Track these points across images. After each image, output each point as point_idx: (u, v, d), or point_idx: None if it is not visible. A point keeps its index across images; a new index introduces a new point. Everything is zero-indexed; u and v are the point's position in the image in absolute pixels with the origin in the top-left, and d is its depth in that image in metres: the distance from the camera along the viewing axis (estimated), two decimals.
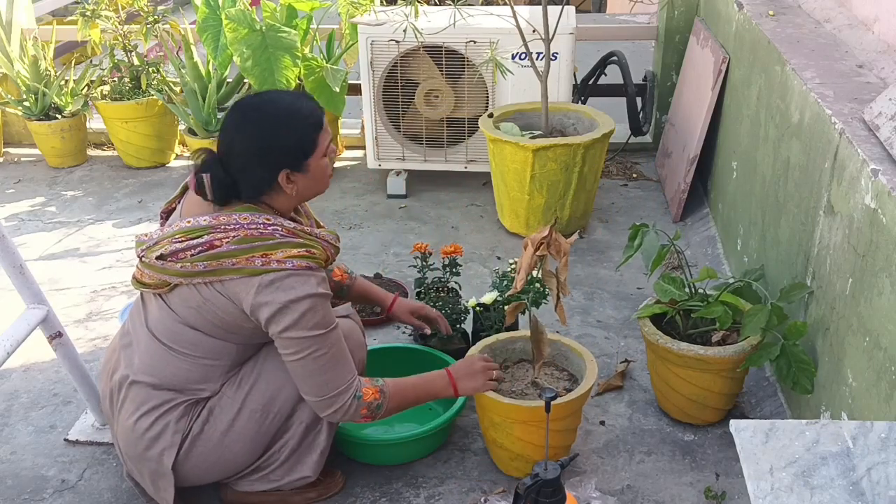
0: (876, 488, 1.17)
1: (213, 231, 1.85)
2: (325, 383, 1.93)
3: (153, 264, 1.89)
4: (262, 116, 1.88)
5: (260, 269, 1.83)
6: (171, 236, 1.88)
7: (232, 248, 1.83)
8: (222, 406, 1.99)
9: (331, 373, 1.93)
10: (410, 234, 3.56)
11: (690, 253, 3.32)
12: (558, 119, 3.56)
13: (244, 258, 1.83)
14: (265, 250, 1.84)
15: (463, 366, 2.17)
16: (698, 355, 2.23)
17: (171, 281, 1.89)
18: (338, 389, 1.93)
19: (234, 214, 1.86)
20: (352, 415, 1.96)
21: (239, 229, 1.85)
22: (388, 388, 2.02)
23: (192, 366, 1.95)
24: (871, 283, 1.81)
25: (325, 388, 1.93)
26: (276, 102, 1.91)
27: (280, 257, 1.84)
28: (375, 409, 1.99)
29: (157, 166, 4.32)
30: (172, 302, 1.94)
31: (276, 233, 1.87)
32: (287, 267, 1.84)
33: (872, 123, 1.95)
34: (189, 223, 1.87)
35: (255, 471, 2.08)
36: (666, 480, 2.22)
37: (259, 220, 1.87)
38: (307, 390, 1.94)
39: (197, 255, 1.84)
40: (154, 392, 1.96)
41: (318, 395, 1.94)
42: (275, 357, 2.00)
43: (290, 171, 1.88)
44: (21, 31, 4.38)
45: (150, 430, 1.95)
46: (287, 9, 3.81)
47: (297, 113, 1.89)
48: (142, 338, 1.99)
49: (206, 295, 1.88)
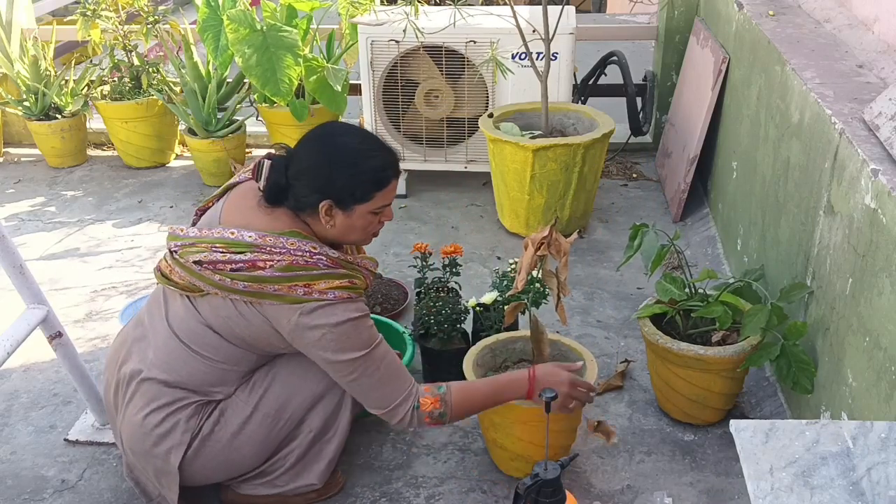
0: (876, 488, 1.17)
1: (257, 251, 1.83)
2: (383, 397, 1.93)
3: (189, 266, 1.87)
4: (341, 143, 1.90)
5: (301, 297, 1.83)
6: (212, 243, 1.86)
7: (276, 274, 1.82)
8: (234, 408, 1.98)
9: (387, 387, 1.93)
10: (410, 234, 3.56)
11: (690, 253, 3.32)
12: (558, 119, 3.56)
13: (286, 286, 1.82)
14: (308, 280, 1.83)
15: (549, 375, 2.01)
16: (698, 355, 2.23)
17: (205, 289, 1.88)
18: (395, 402, 1.93)
19: (282, 238, 1.85)
20: (416, 424, 1.96)
21: (285, 254, 1.84)
22: (451, 395, 1.97)
23: (209, 368, 1.95)
24: (871, 283, 1.81)
25: (383, 402, 1.94)
26: (358, 140, 1.93)
27: (322, 288, 1.84)
28: (439, 417, 1.96)
29: (157, 166, 4.32)
30: (201, 307, 1.92)
31: (320, 262, 1.86)
32: (328, 298, 1.84)
33: (872, 123, 1.95)
34: (233, 235, 1.86)
35: (259, 475, 2.07)
36: (666, 480, 2.22)
37: (306, 247, 1.86)
38: (369, 405, 1.97)
39: (237, 271, 1.83)
40: (166, 389, 1.95)
41: (379, 408, 1.95)
42: (289, 363, 2.00)
43: (333, 205, 1.88)
44: (21, 30, 4.38)
45: (159, 426, 1.94)
46: (287, 9, 3.81)
47: (370, 159, 1.90)
48: (160, 333, 1.97)
49: (241, 310, 1.88)
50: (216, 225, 1.92)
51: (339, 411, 2.06)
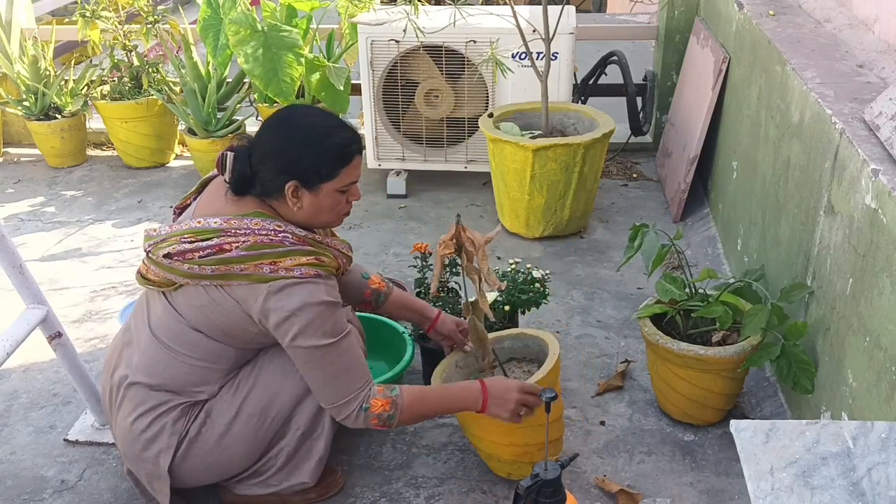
0: (876, 488, 1.17)
1: (223, 234, 1.84)
2: (335, 391, 1.92)
3: (159, 261, 1.89)
4: (299, 124, 1.91)
5: (268, 276, 1.83)
6: (181, 235, 1.87)
7: (241, 254, 1.82)
8: (219, 409, 1.99)
9: (340, 381, 1.91)
10: (410, 234, 3.56)
11: (691, 253, 3.32)
12: (558, 119, 3.56)
13: (252, 265, 1.83)
14: (274, 258, 1.83)
15: (499, 388, 2.01)
16: (698, 355, 2.23)
17: (177, 281, 1.89)
18: (345, 399, 1.92)
19: (246, 219, 1.86)
20: (362, 424, 1.95)
21: (249, 234, 1.84)
22: (404, 399, 1.96)
23: (190, 368, 1.95)
24: (871, 283, 1.81)
25: (333, 397, 1.92)
26: (319, 119, 1.93)
27: (289, 265, 1.84)
28: (387, 420, 1.95)
29: (157, 166, 4.32)
30: (176, 301, 1.93)
31: (286, 240, 1.86)
32: (295, 275, 1.84)
33: (873, 123, 1.94)
34: (199, 223, 1.87)
35: (252, 475, 2.08)
36: (666, 480, 2.22)
37: (270, 226, 1.87)
38: (318, 396, 1.95)
39: (205, 257, 1.83)
40: (151, 393, 1.95)
41: (327, 403, 1.94)
42: (272, 361, 2.00)
43: (299, 186, 1.87)
44: (21, 30, 4.38)
45: (146, 431, 1.95)
46: (287, 8, 3.81)
47: (332, 136, 1.90)
48: (143, 337, 1.99)
49: (212, 296, 1.88)
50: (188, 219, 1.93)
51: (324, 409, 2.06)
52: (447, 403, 2.04)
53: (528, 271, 2.61)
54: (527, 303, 2.56)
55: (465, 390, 2.03)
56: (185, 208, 2.05)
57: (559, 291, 3.08)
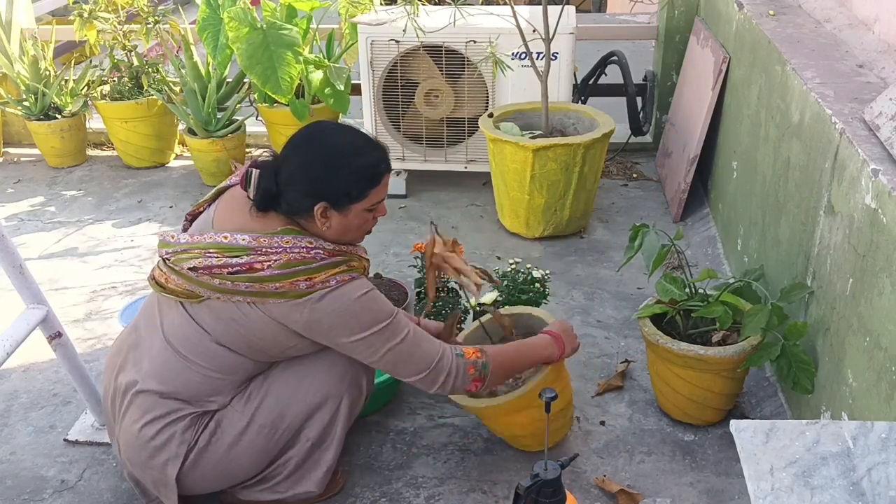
0: (876, 488, 1.17)
1: (253, 253, 1.82)
2: (422, 358, 1.92)
3: (185, 273, 1.85)
4: (328, 144, 1.88)
5: (305, 291, 1.82)
6: (205, 248, 1.84)
7: (275, 272, 1.81)
8: (230, 419, 1.97)
9: (421, 349, 1.93)
10: (410, 234, 3.56)
11: (691, 253, 3.32)
12: (558, 119, 3.56)
13: (288, 282, 1.81)
14: (308, 274, 1.82)
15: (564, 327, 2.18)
16: (698, 355, 2.23)
17: (205, 294, 1.86)
18: (435, 359, 1.93)
19: (276, 237, 1.84)
20: (462, 377, 1.95)
21: (281, 253, 1.82)
22: (487, 349, 2.01)
23: (204, 378, 1.92)
24: (871, 283, 1.81)
25: (423, 363, 1.92)
26: (347, 138, 1.91)
27: (323, 277, 1.83)
28: (482, 368, 1.96)
29: (157, 166, 4.32)
30: (198, 313, 1.90)
31: (317, 256, 1.85)
32: (331, 284, 1.84)
33: (873, 123, 1.94)
34: (226, 239, 1.83)
35: (259, 482, 2.07)
36: (666, 481, 2.22)
37: (302, 243, 1.85)
38: (408, 374, 1.94)
39: (237, 275, 1.81)
40: (161, 400, 1.93)
41: (421, 372, 1.93)
42: (285, 372, 1.98)
43: (329, 207, 1.86)
44: (21, 30, 4.38)
45: (154, 438, 1.93)
46: (287, 8, 3.81)
47: (361, 157, 1.88)
48: (155, 343, 1.95)
49: (244, 311, 1.86)
50: (209, 230, 1.89)
51: (335, 421, 2.04)
52: (527, 353, 2.09)
53: (528, 271, 2.61)
54: (527, 303, 2.56)
55: (541, 340, 2.12)
56: (197, 215, 2.03)
57: (559, 291, 3.08)
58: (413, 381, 1.95)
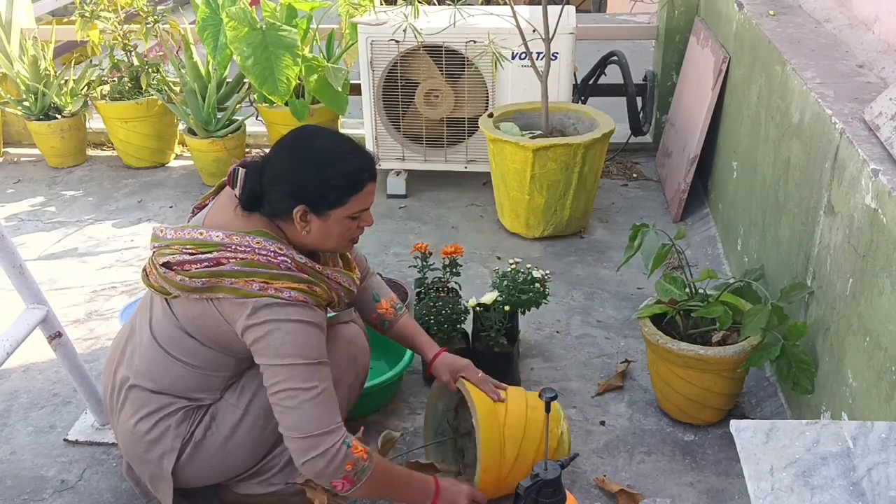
0: (876, 489, 1.17)
1: (223, 249, 1.82)
2: (314, 420, 1.78)
3: (157, 269, 1.87)
4: (312, 147, 1.86)
5: (256, 292, 1.79)
6: (183, 244, 1.85)
7: (234, 268, 1.80)
8: (224, 412, 1.97)
9: (322, 409, 1.80)
10: (410, 234, 3.56)
11: (691, 253, 3.32)
12: (558, 119, 3.56)
13: (243, 280, 1.79)
14: (266, 278, 1.80)
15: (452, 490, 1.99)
16: (698, 355, 2.23)
17: (172, 292, 1.87)
18: (328, 428, 1.79)
19: (248, 237, 1.83)
20: (336, 465, 1.79)
21: (248, 252, 1.81)
22: (376, 457, 1.87)
23: (190, 374, 1.93)
24: (871, 283, 1.81)
25: (312, 425, 1.78)
26: (332, 143, 1.88)
27: (279, 286, 1.81)
28: (360, 472, 1.82)
29: (157, 166, 4.32)
30: (175, 308, 1.91)
31: (283, 264, 1.83)
32: (283, 296, 1.80)
33: (873, 123, 1.94)
34: (202, 235, 1.84)
35: (254, 475, 2.07)
36: (666, 481, 2.22)
37: (271, 247, 1.83)
38: (291, 425, 1.80)
39: (200, 270, 1.81)
40: (153, 396, 1.94)
41: (303, 432, 1.78)
42: None
43: (308, 211, 1.84)
44: (21, 30, 4.38)
45: (149, 433, 1.94)
46: (287, 8, 3.81)
47: (344, 162, 1.84)
48: (144, 338, 1.97)
49: (202, 308, 1.86)
50: (197, 225, 1.91)
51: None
52: (405, 488, 1.95)
53: (528, 271, 2.61)
54: (527, 303, 2.56)
55: (424, 484, 1.96)
56: (202, 207, 2.04)
57: (559, 291, 3.08)
58: (290, 437, 1.81)
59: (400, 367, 2.41)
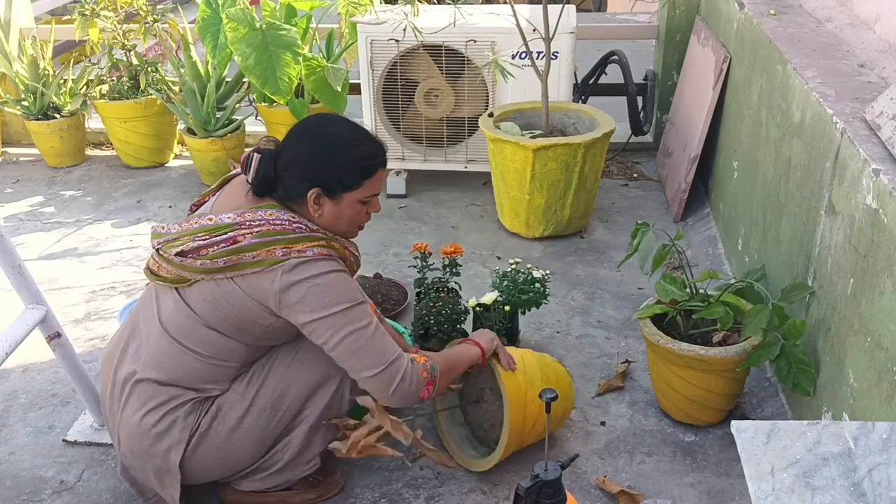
0: (877, 489, 1.16)
1: (237, 227, 1.86)
2: (380, 353, 1.89)
3: (171, 259, 1.89)
4: (327, 134, 1.94)
5: (280, 258, 1.84)
6: (193, 233, 1.88)
7: (254, 241, 1.84)
8: (231, 403, 1.98)
9: (379, 345, 1.90)
10: (410, 233, 3.56)
11: (691, 253, 3.32)
12: (559, 118, 3.56)
13: (265, 250, 1.84)
14: (286, 244, 1.85)
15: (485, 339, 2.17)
16: (699, 356, 2.22)
17: (190, 277, 1.90)
18: (391, 358, 1.89)
19: (260, 211, 1.88)
20: (416, 381, 1.92)
21: (263, 224, 1.86)
22: (431, 354, 2.03)
23: (202, 365, 1.95)
24: (872, 284, 1.81)
25: (380, 359, 1.89)
26: (346, 129, 1.96)
27: (301, 247, 1.86)
28: (432, 370, 1.96)
29: (156, 166, 4.32)
30: (189, 297, 1.93)
31: (298, 230, 1.88)
32: (308, 255, 1.86)
33: (874, 123, 1.94)
34: (211, 221, 1.88)
35: (258, 470, 2.07)
36: (667, 481, 2.22)
37: (284, 216, 1.89)
38: (365, 366, 1.88)
39: (219, 251, 1.85)
40: (161, 388, 1.95)
41: (378, 366, 1.88)
42: (284, 355, 2.00)
43: (321, 194, 1.90)
44: (19, 30, 4.38)
45: (157, 425, 1.94)
46: (286, 8, 3.81)
47: (358, 147, 1.93)
48: (153, 332, 1.98)
49: (224, 288, 1.88)
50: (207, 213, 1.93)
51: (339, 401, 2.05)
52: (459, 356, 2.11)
53: (528, 271, 2.60)
54: (527, 303, 2.56)
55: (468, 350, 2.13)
56: (200, 205, 2.06)
57: (559, 291, 3.08)
58: (369, 376, 1.89)
59: None
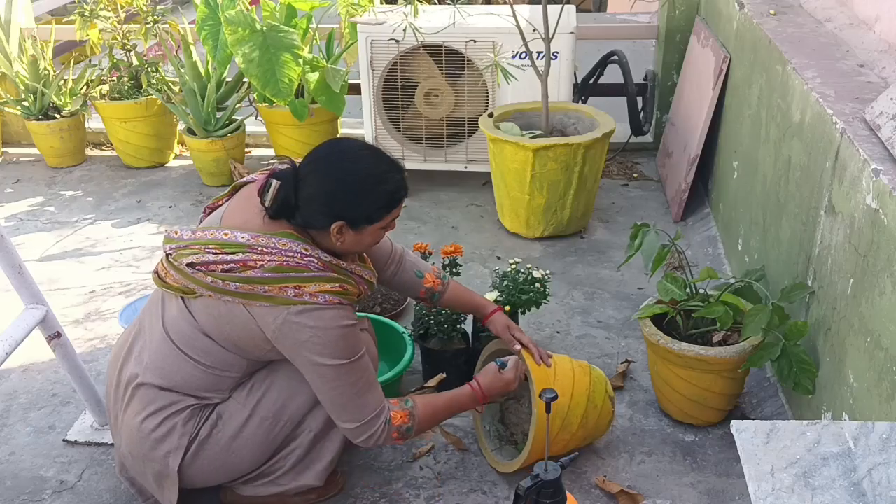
0: (877, 489, 1.16)
1: (249, 251, 1.83)
2: (361, 408, 1.93)
3: (182, 269, 1.87)
4: (353, 169, 1.89)
5: (292, 299, 1.82)
6: (205, 244, 1.85)
7: (266, 275, 1.81)
8: (231, 411, 1.97)
9: (364, 399, 1.93)
10: (410, 234, 3.56)
11: (691, 253, 3.32)
12: (559, 118, 3.56)
13: (277, 287, 1.82)
14: (298, 282, 1.83)
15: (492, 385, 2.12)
16: (699, 356, 2.22)
17: (198, 291, 1.87)
18: (371, 415, 1.94)
19: (274, 238, 1.84)
20: (385, 437, 1.97)
21: (275, 254, 1.83)
22: (418, 409, 2.01)
23: (202, 373, 1.94)
24: (872, 284, 1.81)
25: (359, 413, 1.93)
26: (371, 164, 1.91)
27: (313, 290, 1.83)
28: (405, 432, 1.99)
29: (156, 166, 4.32)
30: (194, 307, 1.91)
31: (311, 265, 1.85)
32: (318, 302, 1.84)
33: (874, 123, 1.94)
34: (226, 235, 1.85)
35: (260, 476, 2.06)
36: (667, 481, 2.22)
37: (297, 248, 1.85)
38: (345, 416, 1.94)
39: (228, 271, 1.82)
40: (161, 393, 1.94)
41: (354, 421, 1.93)
42: (287, 365, 1.98)
43: (345, 226, 1.88)
44: (20, 30, 4.38)
45: (156, 430, 1.94)
46: (287, 8, 3.80)
47: (384, 183, 1.90)
48: (156, 336, 1.97)
49: (231, 310, 1.87)
50: (216, 226, 1.91)
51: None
52: (455, 408, 2.10)
53: (528, 271, 2.60)
54: (527, 303, 2.56)
55: (466, 396, 2.11)
56: (215, 209, 2.04)
57: (559, 291, 3.08)
58: (342, 423, 1.95)
59: (400, 367, 2.41)
